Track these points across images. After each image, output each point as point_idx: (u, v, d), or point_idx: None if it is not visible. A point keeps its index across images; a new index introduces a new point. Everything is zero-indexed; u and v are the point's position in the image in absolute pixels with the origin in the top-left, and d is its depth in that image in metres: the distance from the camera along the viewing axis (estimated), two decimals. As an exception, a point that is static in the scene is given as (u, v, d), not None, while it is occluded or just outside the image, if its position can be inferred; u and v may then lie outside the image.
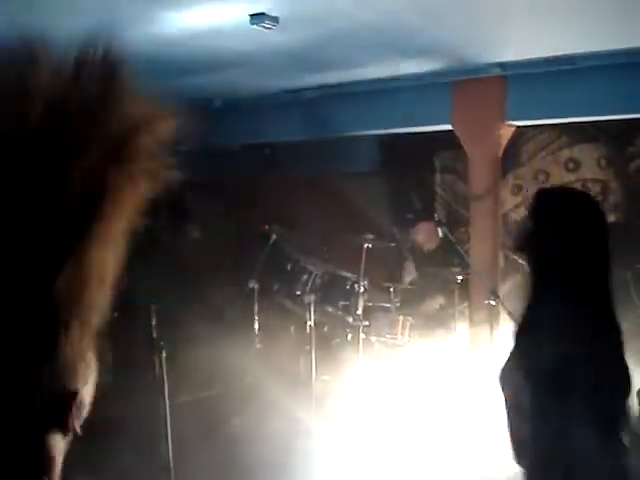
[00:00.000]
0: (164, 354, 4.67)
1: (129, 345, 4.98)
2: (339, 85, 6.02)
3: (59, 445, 0.90)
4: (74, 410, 0.89)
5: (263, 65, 5.26)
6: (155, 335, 4.70)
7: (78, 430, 0.91)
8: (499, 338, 5.50)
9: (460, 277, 5.85)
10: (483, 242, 5.83)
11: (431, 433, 5.31)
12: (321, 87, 6.11)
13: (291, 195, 7.82)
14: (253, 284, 6.25)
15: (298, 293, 5.99)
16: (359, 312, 5.92)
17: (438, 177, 7.99)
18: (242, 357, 6.00)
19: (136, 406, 4.89)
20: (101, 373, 0.97)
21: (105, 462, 4.27)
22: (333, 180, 8.20)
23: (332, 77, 5.76)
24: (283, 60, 5.10)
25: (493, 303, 5.34)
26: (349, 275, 6.01)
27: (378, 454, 5.15)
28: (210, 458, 4.66)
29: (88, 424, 0.92)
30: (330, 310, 5.92)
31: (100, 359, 0.97)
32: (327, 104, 6.40)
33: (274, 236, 6.76)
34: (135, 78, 0.89)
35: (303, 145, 7.99)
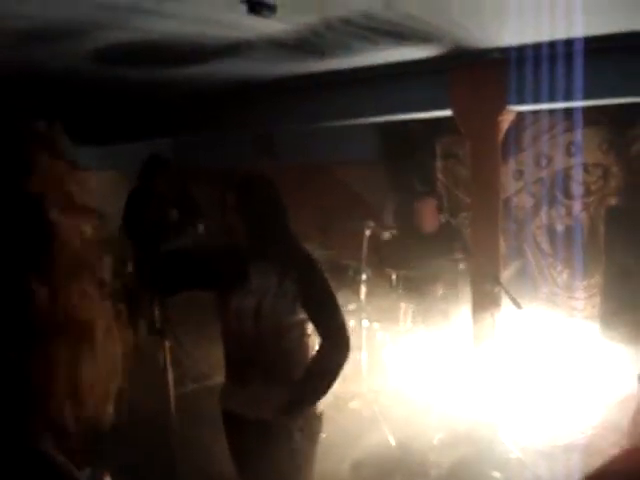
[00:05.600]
0: (167, 344, 4.69)
1: (133, 335, 4.99)
2: (337, 72, 5.99)
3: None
4: None
5: (260, 53, 5.24)
6: (159, 325, 4.71)
7: None
8: (501, 323, 5.52)
9: (462, 263, 5.85)
10: (484, 227, 5.82)
11: (435, 419, 5.33)
12: (319, 75, 6.08)
13: (291, 183, 7.82)
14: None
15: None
16: (361, 299, 5.93)
17: (439, 163, 7.98)
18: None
19: (140, 395, 4.89)
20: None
21: (109, 453, 4.28)
22: (333, 168, 8.20)
23: (330, 64, 5.73)
24: (280, 48, 5.08)
25: (495, 289, 5.35)
26: (351, 262, 6.02)
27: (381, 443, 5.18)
28: (215, 446, 4.68)
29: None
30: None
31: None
32: (325, 92, 6.38)
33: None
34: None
35: (302, 133, 7.98)
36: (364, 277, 5.92)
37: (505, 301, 5.35)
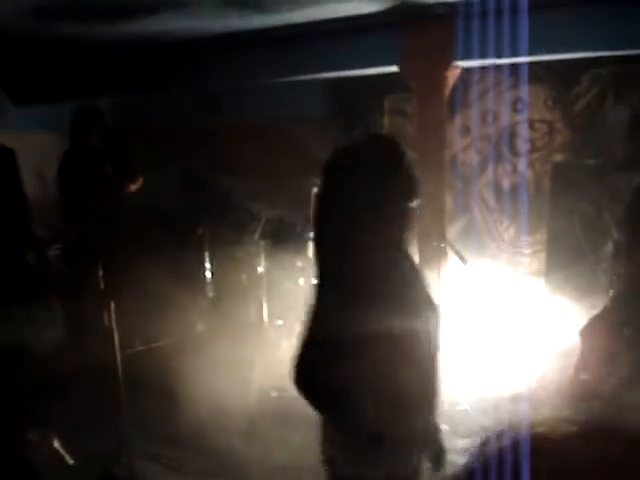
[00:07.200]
0: (113, 305, 4.62)
1: (78, 298, 4.91)
2: (284, 27, 5.89)
3: None
4: None
5: (203, 7, 5.11)
6: (103, 286, 4.63)
7: None
8: (447, 279, 5.57)
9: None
10: (430, 184, 5.83)
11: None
12: (266, 30, 5.97)
13: (239, 142, 7.72)
14: (201, 231, 6.19)
15: (248, 240, 5.97)
16: (310, 256, 5.92)
17: (387, 120, 7.95)
18: (194, 306, 5.97)
19: (87, 358, 4.84)
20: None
21: (56, 414, 4.24)
22: (281, 125, 8.11)
23: (277, 19, 5.63)
24: (226, 3, 4.97)
25: (441, 245, 5.39)
26: (298, 220, 5.99)
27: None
28: (161, 409, 4.65)
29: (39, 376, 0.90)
30: (281, 255, 5.91)
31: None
32: (273, 47, 6.27)
33: (222, 183, 6.66)
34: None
35: (250, 91, 7.85)
36: (311, 234, 5.89)
37: (451, 257, 5.40)
